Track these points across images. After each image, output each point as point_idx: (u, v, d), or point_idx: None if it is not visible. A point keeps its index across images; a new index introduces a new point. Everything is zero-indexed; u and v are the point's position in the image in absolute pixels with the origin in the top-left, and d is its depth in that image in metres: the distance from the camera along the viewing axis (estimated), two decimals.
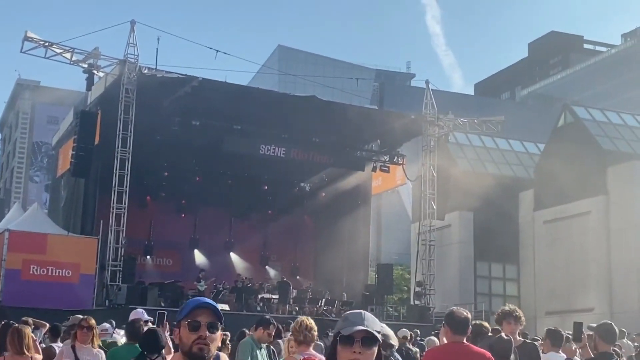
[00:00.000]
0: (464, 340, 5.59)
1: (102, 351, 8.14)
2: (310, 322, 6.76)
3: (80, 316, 9.88)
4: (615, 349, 8.87)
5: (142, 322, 8.44)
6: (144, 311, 9.67)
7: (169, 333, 7.53)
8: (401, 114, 32.48)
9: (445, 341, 5.86)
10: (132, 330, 7.97)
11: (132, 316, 9.29)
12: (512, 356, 6.09)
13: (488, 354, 5.50)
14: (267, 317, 8.65)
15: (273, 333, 8.72)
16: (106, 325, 12.18)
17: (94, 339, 8.07)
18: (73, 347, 7.98)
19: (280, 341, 10.82)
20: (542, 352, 7.27)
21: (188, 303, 3.39)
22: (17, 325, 7.51)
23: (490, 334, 8.64)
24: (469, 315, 5.71)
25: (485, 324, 9.63)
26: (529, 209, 38.62)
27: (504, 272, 40.97)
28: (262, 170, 32.36)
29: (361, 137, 31.75)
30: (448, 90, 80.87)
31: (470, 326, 5.71)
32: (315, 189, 35.19)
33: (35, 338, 7.22)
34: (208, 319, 3.30)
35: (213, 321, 3.30)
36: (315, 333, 6.92)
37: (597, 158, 34.58)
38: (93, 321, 8.26)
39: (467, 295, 37.33)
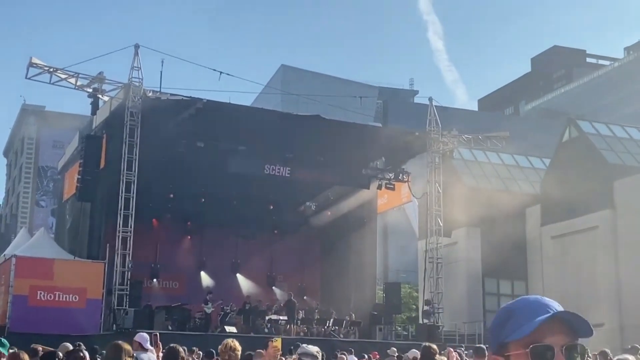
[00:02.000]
0: None
1: None
2: (235, 343, 7.63)
3: (69, 345, 9.92)
4: None
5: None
6: (147, 337, 9.38)
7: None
8: (405, 131, 32.50)
9: None
10: None
11: (136, 339, 9.21)
12: None
13: None
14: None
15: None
16: None
17: None
18: None
19: None
20: None
21: (526, 305, 2.11)
22: (15, 351, 7.52)
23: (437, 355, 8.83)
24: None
25: (434, 346, 9.62)
26: (536, 225, 38.49)
27: (513, 289, 40.75)
28: (267, 190, 32.33)
29: (366, 155, 31.74)
30: (452, 106, 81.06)
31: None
32: (321, 208, 35.13)
33: None
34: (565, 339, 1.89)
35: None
36: (239, 353, 7.70)
37: (603, 172, 34.48)
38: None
39: (475, 313, 37.13)
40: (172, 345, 6.15)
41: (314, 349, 6.22)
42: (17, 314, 23.51)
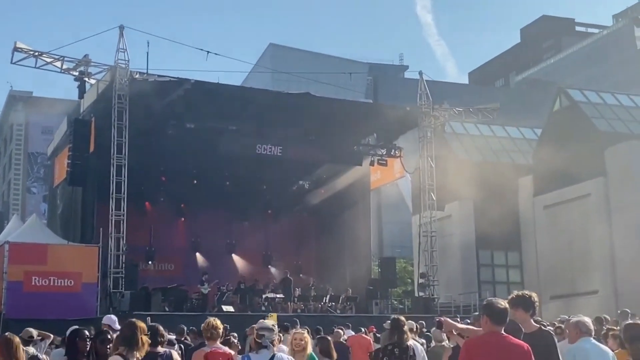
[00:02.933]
0: (502, 331, 5.57)
1: None
2: (217, 322, 8.27)
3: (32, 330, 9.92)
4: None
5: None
6: (116, 319, 9.88)
7: None
8: (396, 107, 32.44)
9: (483, 331, 5.82)
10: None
11: (104, 322, 9.79)
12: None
13: (526, 345, 5.47)
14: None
15: None
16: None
17: None
18: None
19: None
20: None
21: None
22: (7, 334, 7.50)
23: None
24: (507, 306, 5.68)
25: (402, 317, 9.76)
26: (529, 195, 38.59)
27: (507, 259, 40.96)
28: (260, 170, 32.27)
29: (357, 131, 31.67)
30: (442, 80, 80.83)
31: (507, 317, 5.67)
32: (314, 186, 35.11)
33: (24, 348, 7.14)
34: None
35: None
36: (220, 330, 8.36)
37: (594, 140, 34.54)
38: None
39: (470, 284, 37.31)
40: (130, 320, 6.10)
41: (269, 323, 7.15)
42: (13, 300, 23.42)
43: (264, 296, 28.50)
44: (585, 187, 34.67)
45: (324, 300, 29.31)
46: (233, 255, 34.58)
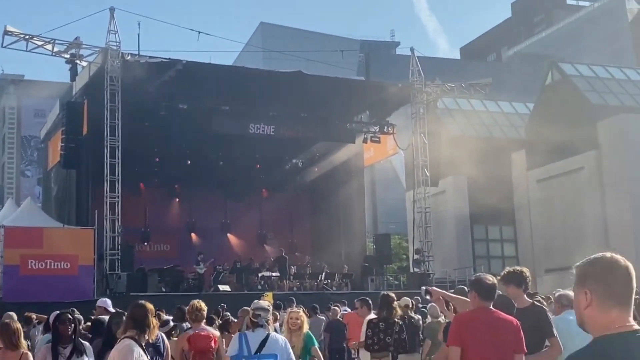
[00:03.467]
0: (491, 307, 5.64)
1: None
2: (201, 304, 8.68)
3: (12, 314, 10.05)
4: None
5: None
6: (110, 302, 10.14)
7: None
8: (388, 84, 32.38)
9: (472, 307, 5.90)
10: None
11: (99, 304, 10.16)
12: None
13: (515, 320, 5.54)
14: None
15: None
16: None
17: None
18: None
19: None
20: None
21: None
22: (7, 320, 7.61)
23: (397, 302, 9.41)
24: (496, 281, 5.74)
25: (392, 294, 10.00)
26: (522, 169, 38.73)
27: (501, 234, 41.19)
28: (253, 150, 32.31)
29: (350, 109, 31.67)
30: (434, 56, 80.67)
31: (496, 292, 5.76)
32: (308, 164, 35.14)
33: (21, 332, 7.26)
34: None
35: None
36: (205, 312, 8.76)
37: (587, 113, 34.62)
38: None
39: (465, 259, 37.54)
40: (139, 301, 6.10)
41: (264, 303, 7.41)
42: (9, 284, 23.52)
43: (259, 275, 28.63)
44: (578, 161, 34.81)
45: (319, 278, 29.47)
46: (228, 234, 34.69)
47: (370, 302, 10.87)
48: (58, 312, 7.72)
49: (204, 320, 8.92)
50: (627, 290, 2.61)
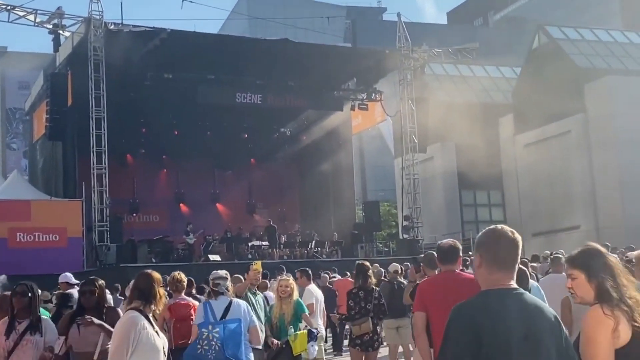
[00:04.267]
0: (454, 269, 5.76)
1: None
2: (181, 275, 9.25)
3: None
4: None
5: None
6: (71, 275, 10.77)
7: None
8: (375, 50, 32.22)
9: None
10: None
11: (61, 280, 10.71)
12: None
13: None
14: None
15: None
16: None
17: None
18: None
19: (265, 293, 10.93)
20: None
21: None
22: (5, 292, 7.64)
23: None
24: (457, 245, 5.84)
25: (367, 262, 10.31)
26: (510, 134, 38.79)
27: (489, 199, 41.37)
28: (241, 119, 32.16)
29: (337, 76, 31.49)
30: (421, 21, 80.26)
31: (459, 255, 5.83)
32: (296, 133, 35.04)
33: None
34: None
35: None
36: (184, 283, 9.28)
37: (574, 76, 34.61)
38: None
39: (454, 225, 37.72)
40: (144, 271, 5.83)
41: (222, 272, 7.88)
42: None
43: (249, 244, 28.68)
44: (566, 124, 34.86)
45: (309, 246, 29.55)
46: (217, 204, 34.65)
47: (309, 272, 11.13)
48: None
49: (184, 290, 9.37)
50: (510, 257, 3.18)
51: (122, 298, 10.81)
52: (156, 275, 5.62)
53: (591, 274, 3.51)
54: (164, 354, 5.39)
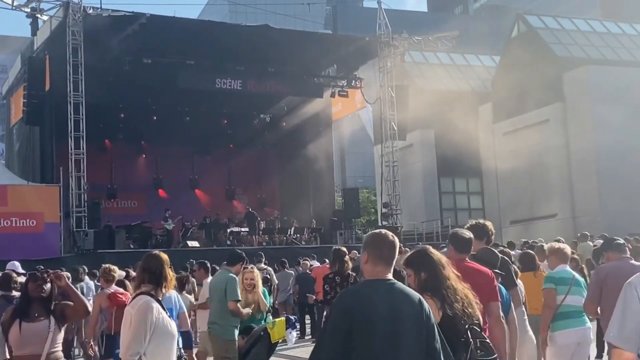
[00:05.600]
0: (466, 259, 5.82)
1: None
2: (113, 267, 9.77)
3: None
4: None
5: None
6: (18, 264, 10.78)
7: None
8: (355, 37, 32.20)
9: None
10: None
11: (8, 267, 10.33)
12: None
13: (490, 272, 5.66)
14: (240, 252, 9.42)
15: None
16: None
17: None
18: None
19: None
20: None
21: None
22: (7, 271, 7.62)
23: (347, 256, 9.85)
24: (472, 237, 5.92)
25: (343, 248, 10.55)
26: (489, 122, 38.95)
27: (468, 186, 41.58)
28: (220, 105, 32.03)
29: (317, 63, 31.45)
30: (401, 8, 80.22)
31: (472, 246, 5.96)
32: (276, 119, 34.97)
33: None
34: None
35: None
36: (116, 275, 9.79)
37: (553, 65, 34.77)
38: None
39: (433, 212, 37.88)
40: (152, 253, 5.58)
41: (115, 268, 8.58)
42: None
43: (228, 230, 28.64)
44: (544, 113, 35.07)
45: (288, 233, 29.58)
46: (196, 190, 34.56)
47: (207, 264, 11.05)
48: None
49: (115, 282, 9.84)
50: (391, 255, 3.90)
51: (99, 284, 10.80)
52: (164, 256, 5.38)
53: (417, 271, 4.50)
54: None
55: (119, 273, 10.36)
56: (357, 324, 3.65)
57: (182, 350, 7.05)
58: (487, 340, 4.44)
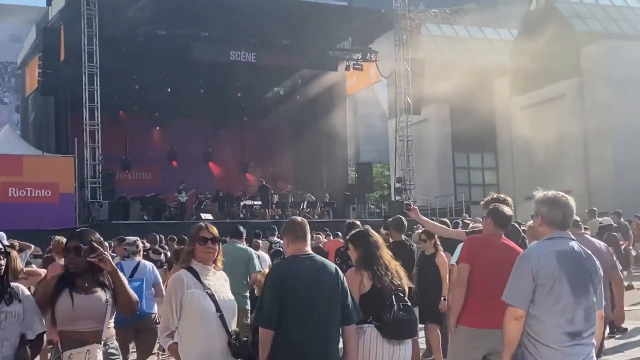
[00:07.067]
0: (503, 235, 6.01)
1: None
2: (64, 240, 9.45)
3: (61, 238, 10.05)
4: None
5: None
6: (4, 235, 10.63)
7: None
8: (371, 9, 31.86)
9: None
10: None
11: None
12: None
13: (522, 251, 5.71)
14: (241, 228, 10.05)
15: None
16: None
17: None
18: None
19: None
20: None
21: None
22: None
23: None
24: (512, 214, 6.12)
25: (357, 221, 10.52)
26: (505, 97, 38.64)
27: (482, 162, 41.40)
28: (234, 77, 31.88)
29: (332, 36, 31.21)
30: None
31: (509, 224, 6.21)
32: (290, 92, 34.80)
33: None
34: None
35: None
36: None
37: (571, 40, 34.39)
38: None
39: (446, 187, 37.77)
40: (200, 224, 5.23)
41: (132, 238, 8.93)
42: None
43: (242, 203, 28.68)
44: (561, 88, 34.75)
45: (301, 207, 29.55)
46: (210, 163, 34.57)
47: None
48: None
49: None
50: (303, 233, 4.92)
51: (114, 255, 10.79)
52: (13, 253, 5.02)
53: (356, 247, 5.53)
54: (219, 315, 4.82)
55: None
56: (287, 290, 4.67)
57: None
58: (409, 304, 5.40)
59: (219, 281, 5.01)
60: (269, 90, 34.78)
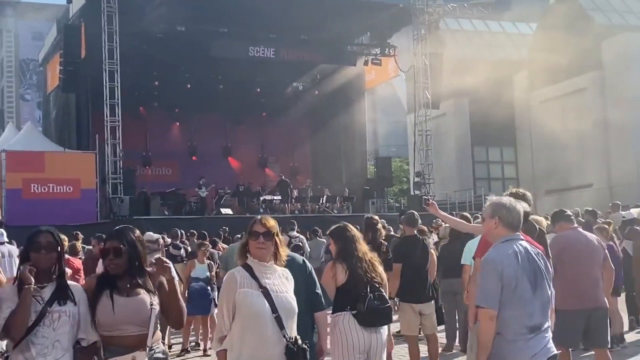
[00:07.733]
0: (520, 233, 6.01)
1: None
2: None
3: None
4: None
5: None
6: (4, 232, 11.47)
7: None
8: (389, 4, 31.74)
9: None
10: None
11: None
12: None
13: (542, 247, 5.73)
14: None
15: None
16: None
17: None
18: None
19: None
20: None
21: None
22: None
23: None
24: (529, 209, 6.22)
25: (375, 216, 10.47)
26: (524, 91, 38.45)
27: (502, 156, 41.23)
28: (253, 73, 32.00)
29: (350, 31, 31.21)
30: None
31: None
32: (308, 87, 34.90)
33: None
34: None
35: None
36: (66, 243, 9.91)
37: (591, 33, 34.11)
38: None
39: (466, 181, 37.69)
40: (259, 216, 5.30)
41: (155, 236, 9.21)
42: (12, 207, 23.66)
43: (261, 198, 28.80)
44: (581, 81, 34.53)
45: (320, 201, 29.63)
46: (229, 158, 34.76)
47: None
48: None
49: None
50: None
51: None
52: (272, 221, 4.67)
53: (335, 241, 6.00)
54: (277, 316, 4.38)
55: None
56: None
57: None
58: (384, 294, 5.80)
59: (279, 279, 4.53)
60: (288, 86, 34.89)
